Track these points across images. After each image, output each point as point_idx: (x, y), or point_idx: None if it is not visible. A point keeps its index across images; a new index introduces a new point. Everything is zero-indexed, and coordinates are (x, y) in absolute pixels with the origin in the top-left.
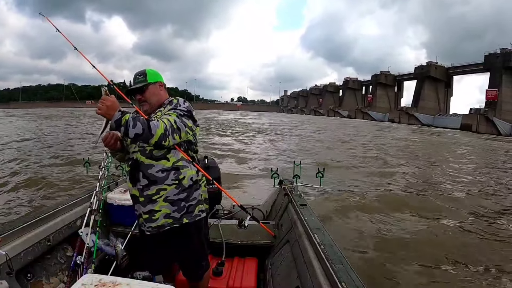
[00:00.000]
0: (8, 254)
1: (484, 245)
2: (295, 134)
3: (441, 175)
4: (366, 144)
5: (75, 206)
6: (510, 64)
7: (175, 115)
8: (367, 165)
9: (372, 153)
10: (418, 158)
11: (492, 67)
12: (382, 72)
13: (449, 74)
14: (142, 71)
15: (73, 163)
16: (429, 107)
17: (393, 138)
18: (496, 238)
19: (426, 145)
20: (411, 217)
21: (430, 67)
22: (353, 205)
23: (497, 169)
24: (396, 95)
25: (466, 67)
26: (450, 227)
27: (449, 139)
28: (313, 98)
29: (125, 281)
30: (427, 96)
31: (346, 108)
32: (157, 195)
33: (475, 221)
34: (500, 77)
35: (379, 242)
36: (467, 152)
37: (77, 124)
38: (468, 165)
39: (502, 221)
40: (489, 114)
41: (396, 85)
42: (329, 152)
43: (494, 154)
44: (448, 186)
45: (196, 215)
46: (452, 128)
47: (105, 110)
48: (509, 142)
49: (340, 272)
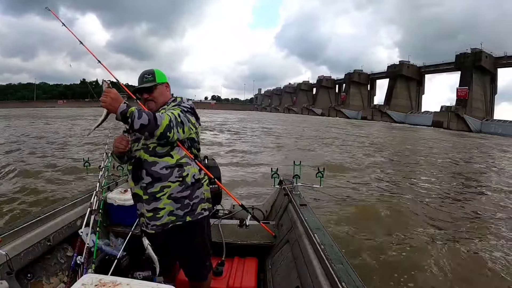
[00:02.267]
0: (8, 254)
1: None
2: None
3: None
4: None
5: (75, 206)
6: (480, 64)
7: (179, 110)
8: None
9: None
10: (387, 151)
11: (463, 66)
12: (356, 70)
13: (421, 73)
14: (150, 71)
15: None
16: (402, 105)
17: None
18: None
19: (401, 140)
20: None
21: (403, 66)
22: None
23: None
24: (369, 93)
25: (437, 66)
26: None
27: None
28: (287, 97)
29: (125, 281)
30: (399, 94)
31: (320, 106)
32: (161, 193)
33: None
34: (471, 76)
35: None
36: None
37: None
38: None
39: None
40: (459, 112)
41: (369, 84)
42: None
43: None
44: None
45: (199, 213)
46: (424, 125)
47: (109, 102)
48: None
49: (340, 272)
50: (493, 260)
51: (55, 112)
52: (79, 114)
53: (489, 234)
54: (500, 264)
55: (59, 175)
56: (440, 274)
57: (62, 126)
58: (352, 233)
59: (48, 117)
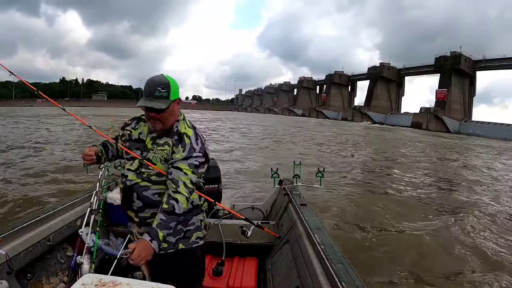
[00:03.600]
0: (8, 254)
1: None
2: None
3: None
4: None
5: (75, 206)
6: (459, 67)
7: (190, 172)
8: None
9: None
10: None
11: (442, 69)
12: (336, 72)
13: (401, 74)
14: (165, 82)
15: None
16: (382, 106)
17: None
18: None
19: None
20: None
21: (383, 68)
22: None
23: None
24: (350, 95)
25: (417, 68)
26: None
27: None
28: (268, 97)
29: (125, 280)
30: (379, 96)
31: (301, 107)
32: (152, 219)
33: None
34: (450, 78)
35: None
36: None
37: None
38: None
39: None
40: (438, 113)
41: (350, 85)
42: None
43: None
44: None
45: (193, 242)
46: (403, 126)
47: (148, 256)
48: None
49: (340, 272)
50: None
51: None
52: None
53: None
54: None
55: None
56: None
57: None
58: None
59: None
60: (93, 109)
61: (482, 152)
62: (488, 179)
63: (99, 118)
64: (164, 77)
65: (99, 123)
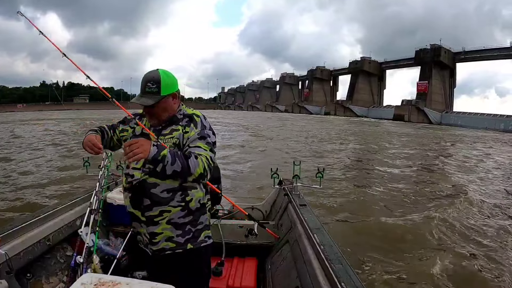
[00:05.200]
0: (7, 254)
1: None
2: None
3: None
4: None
5: (75, 205)
6: (439, 59)
7: (208, 149)
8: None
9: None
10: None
11: (423, 61)
12: (318, 67)
13: (382, 68)
14: (155, 77)
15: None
16: (364, 100)
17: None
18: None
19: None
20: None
21: (364, 62)
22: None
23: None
24: (332, 89)
25: (398, 61)
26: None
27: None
28: (251, 94)
29: (125, 280)
30: (361, 90)
31: (283, 103)
32: (160, 217)
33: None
34: (430, 70)
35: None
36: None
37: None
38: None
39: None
40: (420, 105)
41: (332, 80)
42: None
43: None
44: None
45: (202, 241)
46: (386, 118)
47: (142, 153)
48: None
49: (340, 272)
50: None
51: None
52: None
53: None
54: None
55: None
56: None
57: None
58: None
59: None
60: (73, 113)
61: (463, 141)
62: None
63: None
64: (156, 72)
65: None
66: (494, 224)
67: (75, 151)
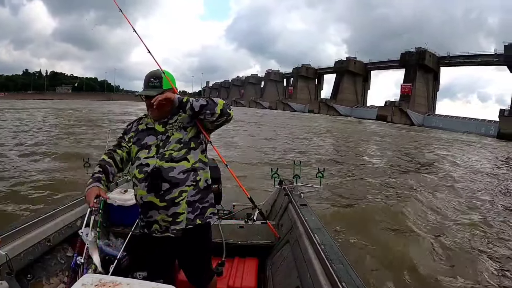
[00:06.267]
0: (8, 255)
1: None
2: None
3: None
4: None
5: (75, 206)
6: (424, 62)
7: (221, 101)
8: None
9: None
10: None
11: (407, 64)
12: (304, 65)
13: (367, 69)
14: (158, 74)
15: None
16: (348, 99)
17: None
18: None
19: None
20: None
21: (350, 62)
22: None
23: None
24: (317, 88)
25: (383, 63)
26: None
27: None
28: (235, 90)
29: (126, 280)
30: (346, 89)
31: (268, 99)
32: (180, 197)
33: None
34: (415, 73)
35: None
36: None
37: None
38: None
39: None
40: (403, 106)
41: (317, 78)
42: None
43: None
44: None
45: (207, 217)
46: (368, 118)
47: (171, 97)
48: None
49: (340, 272)
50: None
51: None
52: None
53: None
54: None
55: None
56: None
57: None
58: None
59: None
60: (54, 102)
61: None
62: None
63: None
64: (158, 70)
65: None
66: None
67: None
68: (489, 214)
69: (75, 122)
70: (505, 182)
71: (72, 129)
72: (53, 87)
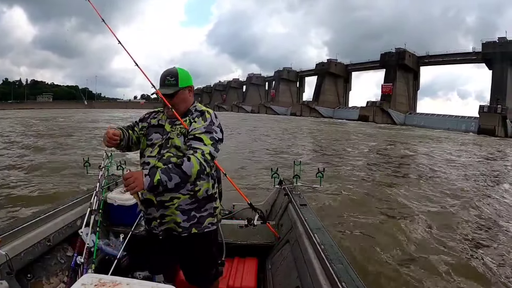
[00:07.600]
0: (8, 254)
1: None
2: None
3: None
4: None
5: (75, 206)
6: (404, 62)
7: (210, 144)
8: None
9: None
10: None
11: (387, 64)
12: (285, 68)
13: (348, 70)
14: (173, 72)
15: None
16: (330, 101)
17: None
18: None
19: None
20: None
21: (330, 64)
22: None
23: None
24: (298, 90)
25: (363, 64)
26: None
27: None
28: (217, 94)
29: (125, 280)
30: (327, 91)
31: (250, 103)
32: (170, 202)
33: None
34: (395, 73)
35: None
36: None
37: None
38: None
39: None
40: (384, 106)
41: (298, 81)
42: None
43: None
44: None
45: (205, 227)
46: (351, 119)
47: (136, 185)
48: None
49: (340, 272)
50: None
51: None
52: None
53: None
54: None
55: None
56: None
57: None
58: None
59: None
60: (34, 111)
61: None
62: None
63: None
64: (174, 68)
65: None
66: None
67: None
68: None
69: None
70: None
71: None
72: (34, 96)
